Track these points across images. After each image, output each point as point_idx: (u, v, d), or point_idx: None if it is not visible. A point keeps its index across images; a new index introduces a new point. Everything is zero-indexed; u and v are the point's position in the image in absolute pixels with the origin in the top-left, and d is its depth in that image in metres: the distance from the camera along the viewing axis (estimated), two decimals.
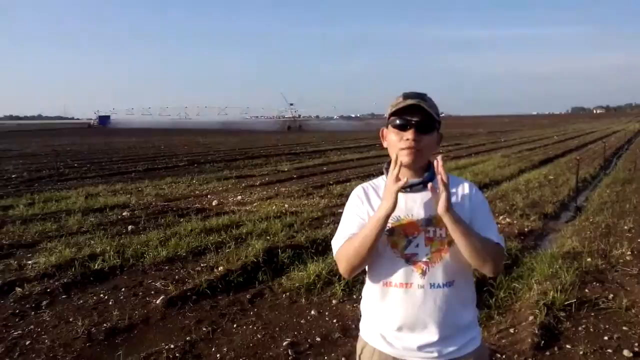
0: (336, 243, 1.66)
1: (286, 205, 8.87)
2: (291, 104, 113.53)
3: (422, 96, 1.59)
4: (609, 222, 7.37)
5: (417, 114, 1.56)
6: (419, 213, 1.61)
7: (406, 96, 1.59)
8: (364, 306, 1.76)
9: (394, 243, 1.61)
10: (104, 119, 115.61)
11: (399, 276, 1.60)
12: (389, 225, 1.58)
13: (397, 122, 1.59)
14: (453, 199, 1.59)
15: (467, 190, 1.66)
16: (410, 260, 1.59)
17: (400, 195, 1.58)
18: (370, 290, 1.71)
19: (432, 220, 1.60)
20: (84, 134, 60.58)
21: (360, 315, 1.80)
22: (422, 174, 1.64)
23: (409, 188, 1.60)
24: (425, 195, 1.61)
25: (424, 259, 1.59)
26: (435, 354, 1.60)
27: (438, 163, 1.50)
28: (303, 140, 39.53)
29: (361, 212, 1.66)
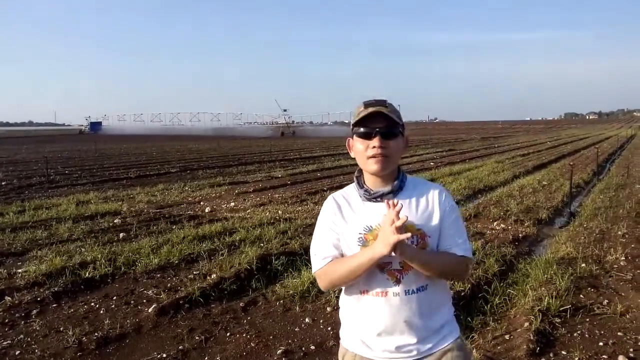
0: (316, 262, 1.70)
1: (280, 212, 8.84)
2: (285, 110, 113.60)
3: (382, 103, 1.63)
4: (602, 228, 7.40)
5: (381, 121, 1.60)
6: None
7: (367, 104, 1.63)
8: (343, 315, 1.78)
9: None
10: (95, 125, 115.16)
11: (374, 285, 1.63)
12: (362, 235, 1.63)
13: (362, 130, 1.63)
14: (422, 206, 1.65)
15: (437, 197, 1.68)
16: (384, 269, 1.62)
17: (371, 204, 1.66)
18: (347, 299, 1.74)
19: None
20: (75, 140, 60.31)
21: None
22: (392, 182, 1.66)
23: (379, 197, 1.64)
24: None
25: (397, 267, 1.61)
26: (414, 352, 1.63)
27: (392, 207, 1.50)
28: (297, 146, 39.54)
29: (334, 226, 1.69)
